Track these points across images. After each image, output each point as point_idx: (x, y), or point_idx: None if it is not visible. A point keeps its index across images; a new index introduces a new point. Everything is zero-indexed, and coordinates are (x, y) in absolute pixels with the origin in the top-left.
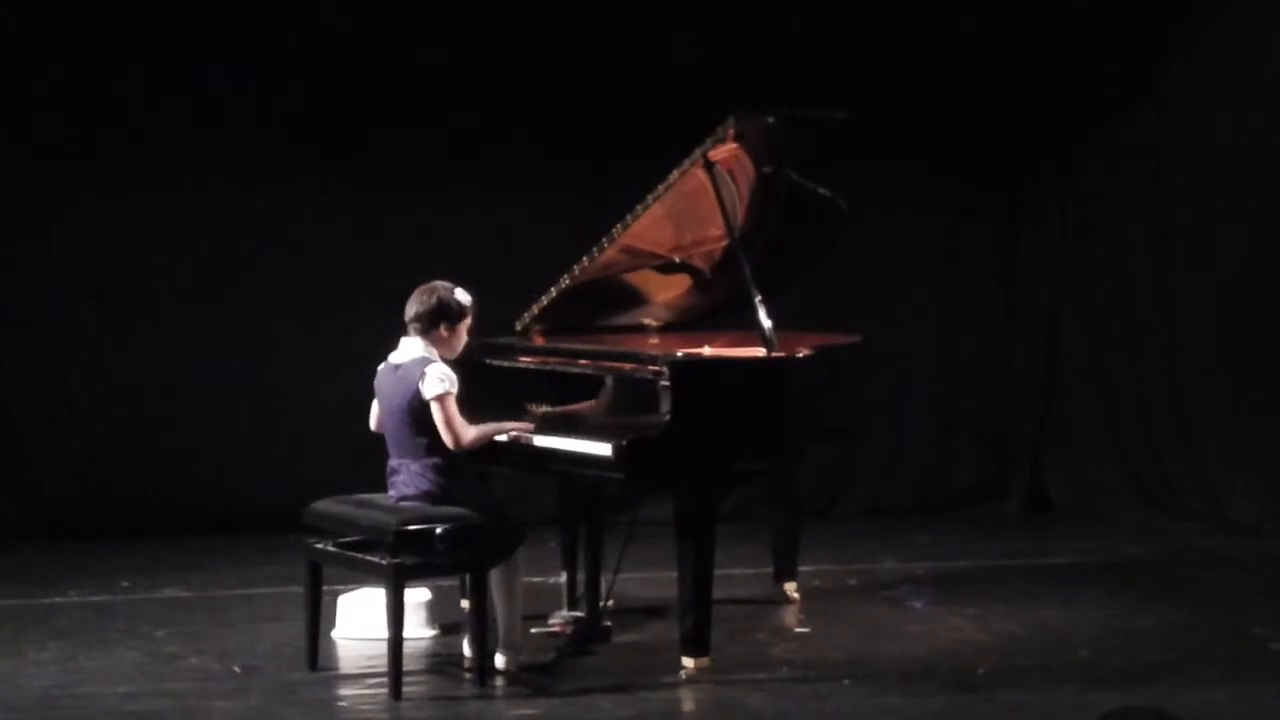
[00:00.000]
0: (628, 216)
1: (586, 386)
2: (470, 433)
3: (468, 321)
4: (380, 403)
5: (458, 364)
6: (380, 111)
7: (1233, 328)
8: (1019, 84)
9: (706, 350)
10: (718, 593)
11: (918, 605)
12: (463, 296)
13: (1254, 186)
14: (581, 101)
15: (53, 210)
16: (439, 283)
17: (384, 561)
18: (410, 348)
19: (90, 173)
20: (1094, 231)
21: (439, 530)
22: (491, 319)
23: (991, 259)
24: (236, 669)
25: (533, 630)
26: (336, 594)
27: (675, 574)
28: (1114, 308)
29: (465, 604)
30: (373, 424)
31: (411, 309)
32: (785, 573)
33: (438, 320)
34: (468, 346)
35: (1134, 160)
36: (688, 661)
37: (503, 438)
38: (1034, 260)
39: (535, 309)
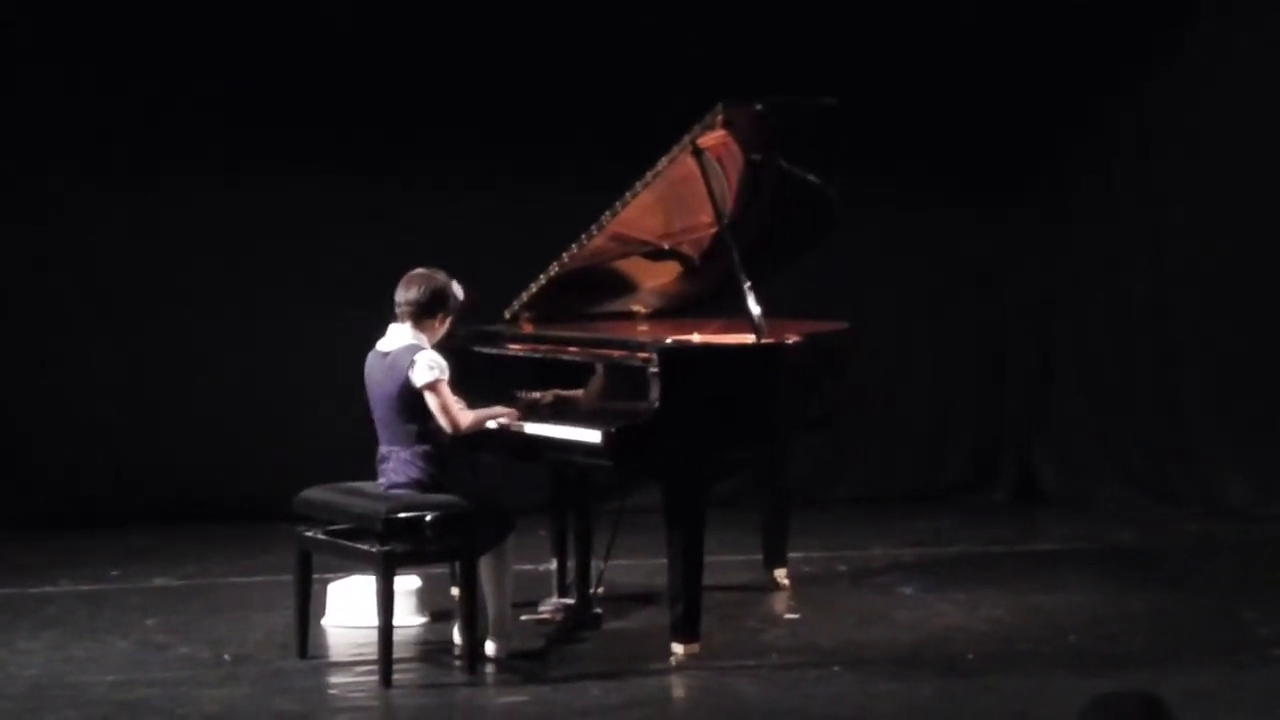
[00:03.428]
0: (616, 204)
1: (576, 374)
2: (467, 417)
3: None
4: (370, 390)
5: (448, 352)
6: (369, 104)
7: (1222, 317)
8: (1012, 76)
9: (696, 337)
10: (708, 579)
11: (908, 591)
12: (459, 290)
13: (1245, 180)
14: (569, 89)
15: (48, 203)
16: (438, 272)
17: (374, 549)
18: (398, 335)
19: (85, 167)
20: (1087, 220)
21: (429, 518)
22: (480, 307)
23: (984, 247)
24: (227, 657)
25: (523, 617)
26: (326, 582)
27: (665, 560)
28: (1105, 295)
29: (455, 591)
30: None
31: (410, 294)
32: (775, 559)
33: (435, 310)
34: (450, 334)
35: (1126, 150)
36: (678, 648)
37: (493, 424)
38: (1026, 248)
39: (524, 296)
